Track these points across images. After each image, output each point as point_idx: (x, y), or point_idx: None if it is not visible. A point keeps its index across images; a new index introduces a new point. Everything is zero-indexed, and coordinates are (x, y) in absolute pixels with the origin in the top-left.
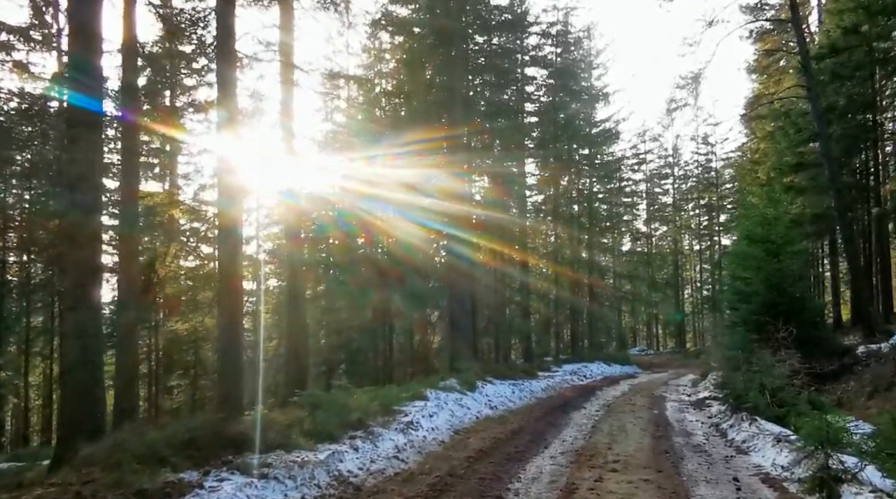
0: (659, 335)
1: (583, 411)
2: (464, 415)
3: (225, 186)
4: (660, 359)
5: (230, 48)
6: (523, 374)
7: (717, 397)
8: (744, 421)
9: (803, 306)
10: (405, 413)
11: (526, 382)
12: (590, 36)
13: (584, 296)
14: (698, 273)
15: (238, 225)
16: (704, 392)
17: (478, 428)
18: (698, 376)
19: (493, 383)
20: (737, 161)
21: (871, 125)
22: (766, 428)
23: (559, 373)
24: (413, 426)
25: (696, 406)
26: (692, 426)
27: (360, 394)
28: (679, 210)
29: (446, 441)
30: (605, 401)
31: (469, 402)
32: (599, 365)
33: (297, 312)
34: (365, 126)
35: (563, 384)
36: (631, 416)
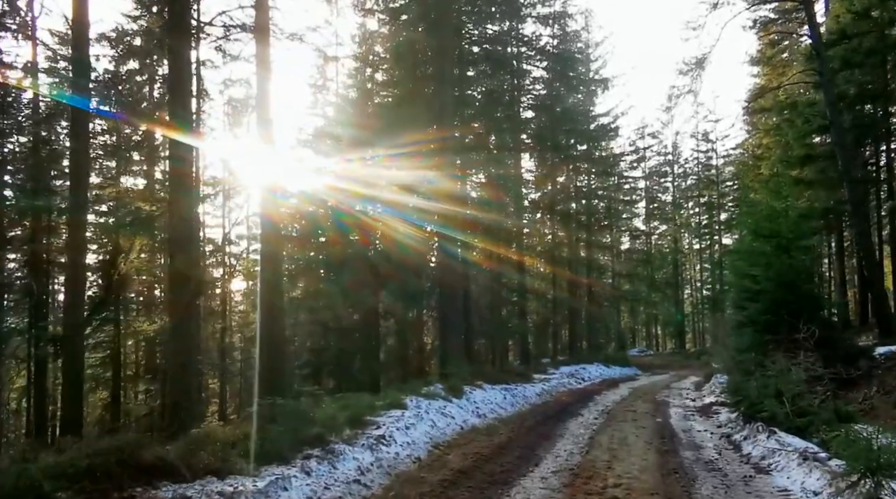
0: (659, 336)
1: (580, 420)
2: (446, 426)
3: (175, 173)
4: (660, 360)
5: (186, 23)
6: (517, 377)
7: (726, 402)
8: (760, 433)
9: (816, 305)
10: (378, 425)
11: (519, 386)
12: (587, 27)
13: (583, 296)
14: (698, 273)
15: (189, 214)
16: (710, 397)
17: (461, 441)
18: (701, 378)
19: (484, 389)
20: (738, 158)
21: (883, 115)
22: (788, 442)
23: (556, 375)
24: (384, 441)
25: (703, 413)
26: (701, 438)
27: (329, 402)
28: (679, 208)
29: (422, 458)
30: (604, 407)
31: (454, 410)
32: (598, 367)
33: (273, 312)
34: (354, 119)
35: (559, 388)
36: (632, 425)
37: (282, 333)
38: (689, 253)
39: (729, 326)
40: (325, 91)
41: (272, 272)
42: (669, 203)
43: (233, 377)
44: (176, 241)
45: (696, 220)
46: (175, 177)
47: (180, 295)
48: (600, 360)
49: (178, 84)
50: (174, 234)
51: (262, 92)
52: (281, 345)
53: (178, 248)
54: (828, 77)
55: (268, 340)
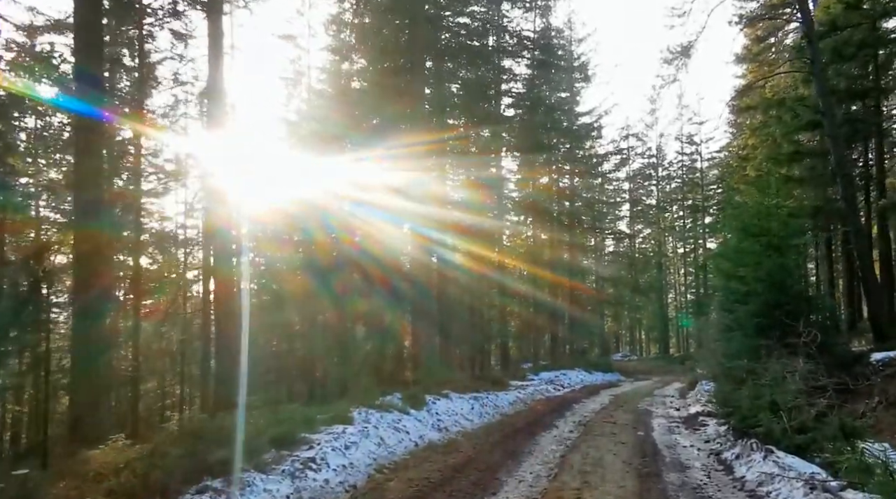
0: (642, 340)
1: (553, 433)
2: (398, 443)
3: (81, 137)
4: (644, 365)
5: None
6: (492, 384)
7: (713, 412)
8: (754, 451)
9: (810, 307)
10: (311, 444)
11: (491, 394)
12: (570, 24)
13: (566, 299)
14: (682, 277)
15: (97, 180)
16: (696, 406)
17: (411, 462)
18: (685, 384)
19: (450, 398)
20: (723, 161)
21: (875, 109)
22: (788, 463)
23: (534, 382)
24: (313, 465)
25: (689, 424)
26: (687, 455)
27: (268, 415)
28: (663, 211)
29: (358, 486)
30: (581, 417)
31: (410, 424)
32: (579, 373)
33: (226, 316)
34: (326, 115)
35: (535, 396)
36: (611, 440)
37: (235, 338)
38: (674, 257)
39: (715, 331)
40: (297, 85)
41: (225, 273)
42: (654, 206)
43: (192, 384)
44: (82, 208)
45: (680, 223)
46: (79, 140)
47: (85, 277)
48: (582, 365)
49: (84, 36)
50: (80, 200)
51: (213, 73)
52: (234, 351)
53: (84, 216)
54: (820, 66)
55: (220, 345)
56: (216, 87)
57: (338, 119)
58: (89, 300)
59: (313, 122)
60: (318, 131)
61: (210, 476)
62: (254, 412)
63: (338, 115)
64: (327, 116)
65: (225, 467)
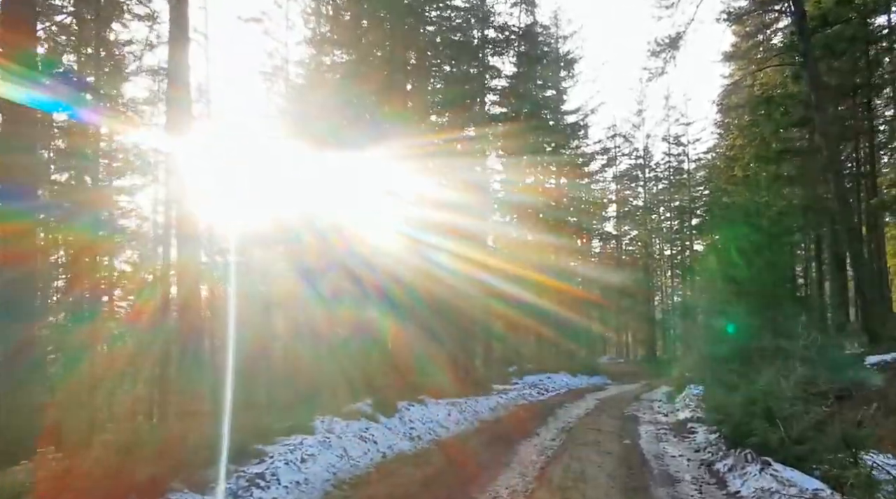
0: (629, 343)
1: (534, 442)
2: (363, 454)
3: None
4: (630, 368)
5: None
6: (472, 388)
7: (703, 419)
8: (749, 463)
9: (804, 308)
10: (262, 458)
11: (470, 400)
12: (557, 22)
13: (552, 301)
14: (669, 279)
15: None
16: (685, 412)
17: (375, 476)
18: (673, 388)
19: (425, 404)
20: (710, 162)
21: (866, 106)
22: (787, 477)
23: (517, 386)
24: (261, 482)
25: (677, 432)
26: (676, 466)
27: (215, 425)
28: (650, 213)
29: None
30: (565, 424)
31: (379, 433)
32: (564, 376)
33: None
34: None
35: (518, 401)
36: (595, 450)
37: (201, 340)
38: (660, 259)
39: (705, 333)
40: (275, 80)
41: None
42: (640, 207)
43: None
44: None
45: (667, 225)
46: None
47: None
48: (567, 368)
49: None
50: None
51: (176, 58)
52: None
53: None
54: (812, 58)
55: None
56: (179, 73)
57: (316, 115)
58: (15, 299)
59: (291, 117)
60: (296, 127)
61: (136, 495)
62: (211, 420)
63: (316, 111)
64: (306, 112)
65: (155, 487)
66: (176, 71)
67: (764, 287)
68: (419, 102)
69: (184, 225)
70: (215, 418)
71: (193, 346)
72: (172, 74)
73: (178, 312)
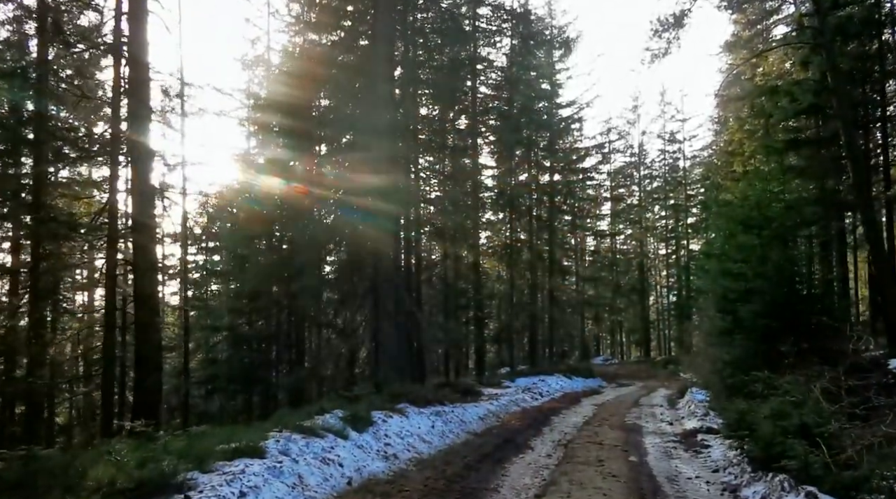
0: (623, 343)
1: (527, 459)
2: (323, 481)
3: None
4: (625, 369)
5: None
6: (461, 394)
7: (713, 428)
8: (787, 492)
9: (822, 307)
10: (188, 493)
11: (458, 407)
12: (552, 13)
13: (545, 301)
14: (664, 278)
15: None
16: (691, 420)
17: None
18: (673, 391)
19: (406, 414)
20: (706, 159)
21: (880, 92)
22: None
23: (510, 390)
24: None
25: (688, 445)
26: (695, 492)
27: (141, 449)
28: (645, 211)
29: None
30: (561, 435)
31: (346, 452)
32: (559, 379)
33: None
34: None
35: (510, 408)
36: (597, 470)
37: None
38: (655, 258)
39: (709, 334)
40: (256, 68)
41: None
42: (636, 206)
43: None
44: None
45: (662, 223)
46: None
47: None
48: (562, 370)
49: None
50: None
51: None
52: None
53: None
54: (829, 36)
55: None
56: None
57: (296, 103)
58: None
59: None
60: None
61: None
62: (144, 440)
63: (296, 99)
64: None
65: None
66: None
67: (780, 284)
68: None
69: (140, 210)
70: (150, 438)
71: (147, 350)
72: (132, 52)
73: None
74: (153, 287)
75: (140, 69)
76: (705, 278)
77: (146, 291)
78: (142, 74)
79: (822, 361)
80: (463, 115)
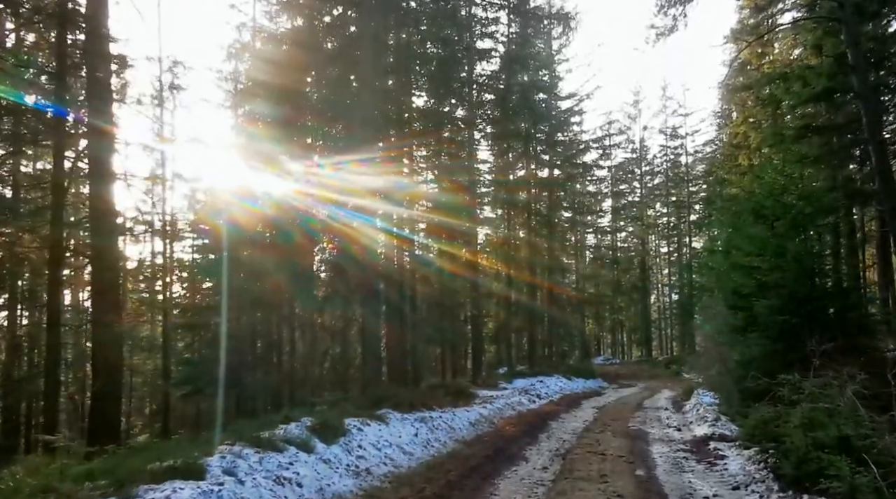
0: (625, 343)
1: (520, 473)
2: None
3: None
4: (626, 369)
5: None
6: (452, 398)
7: (725, 435)
8: None
9: (847, 302)
10: None
11: (447, 412)
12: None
13: (544, 300)
14: (666, 277)
15: None
16: (701, 425)
17: None
18: (677, 393)
19: (387, 421)
20: (709, 155)
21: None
22: None
23: (506, 392)
24: None
25: (700, 455)
26: None
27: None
28: (646, 208)
29: None
30: (559, 443)
31: (308, 469)
32: (558, 379)
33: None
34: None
35: (505, 412)
36: (600, 488)
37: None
38: (657, 256)
39: (720, 332)
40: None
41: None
42: (637, 202)
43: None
44: None
45: (664, 221)
46: None
47: None
48: (561, 371)
49: None
50: None
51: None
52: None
53: None
54: (851, 9)
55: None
56: (93, 15)
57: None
58: None
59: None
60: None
61: None
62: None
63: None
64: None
65: None
66: (92, 15)
67: (800, 276)
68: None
69: (98, 204)
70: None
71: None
72: (89, 21)
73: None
74: (114, 281)
75: (97, 41)
76: (710, 276)
77: (103, 285)
78: (99, 47)
79: (852, 362)
80: (459, 108)
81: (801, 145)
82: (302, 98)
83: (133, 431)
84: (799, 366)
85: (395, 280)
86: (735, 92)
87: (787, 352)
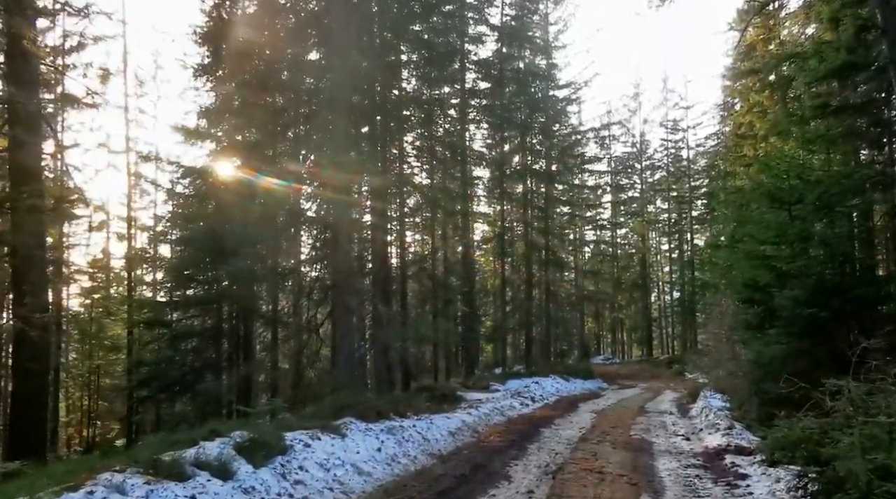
0: (625, 342)
1: (499, 498)
2: None
3: None
4: (627, 369)
5: None
6: (432, 402)
7: (744, 447)
8: None
9: (879, 292)
10: None
11: (423, 420)
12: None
13: (542, 297)
14: (667, 274)
15: None
16: (713, 434)
17: None
18: (681, 394)
19: (344, 434)
20: (711, 149)
21: None
22: None
23: (497, 394)
24: None
25: (716, 473)
26: None
27: None
28: (647, 203)
29: None
30: (551, 457)
31: (234, 496)
32: (555, 380)
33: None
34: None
35: (492, 418)
36: None
37: (35, 350)
38: (657, 253)
39: (732, 329)
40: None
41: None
42: (637, 197)
43: None
44: None
45: (664, 217)
46: None
47: None
48: (559, 371)
49: None
50: None
51: None
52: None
53: None
54: None
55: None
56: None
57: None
58: None
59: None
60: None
61: None
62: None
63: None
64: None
65: None
66: None
67: (827, 263)
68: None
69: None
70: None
71: (25, 351)
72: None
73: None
74: (40, 278)
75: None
76: (714, 272)
77: (27, 282)
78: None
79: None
80: (453, 98)
81: (819, 125)
82: (270, 74)
83: (109, 436)
84: (831, 366)
85: (381, 276)
86: (741, 77)
87: (815, 350)
